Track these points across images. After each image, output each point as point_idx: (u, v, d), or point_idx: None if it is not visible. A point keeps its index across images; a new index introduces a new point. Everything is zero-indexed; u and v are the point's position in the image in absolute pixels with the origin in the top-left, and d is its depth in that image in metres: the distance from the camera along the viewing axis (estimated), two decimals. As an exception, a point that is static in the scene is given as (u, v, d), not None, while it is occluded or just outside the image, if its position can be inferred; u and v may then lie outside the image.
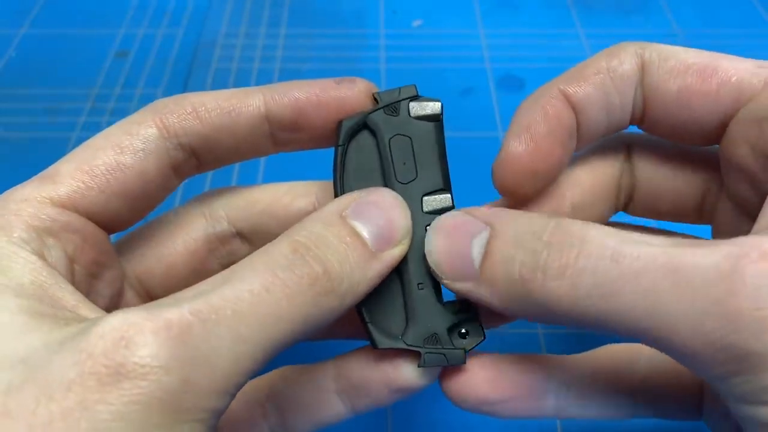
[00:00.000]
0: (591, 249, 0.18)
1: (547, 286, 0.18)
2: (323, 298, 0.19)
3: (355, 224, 0.20)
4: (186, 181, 0.25)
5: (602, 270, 0.18)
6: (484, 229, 0.20)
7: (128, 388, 0.16)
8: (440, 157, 0.23)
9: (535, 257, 0.19)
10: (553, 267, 0.18)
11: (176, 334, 0.16)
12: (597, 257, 0.18)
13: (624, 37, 0.25)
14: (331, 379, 0.23)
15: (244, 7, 0.57)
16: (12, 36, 0.53)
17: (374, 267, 0.20)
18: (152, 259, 0.25)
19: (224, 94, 0.23)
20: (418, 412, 0.31)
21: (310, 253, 0.19)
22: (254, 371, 0.18)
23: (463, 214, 0.21)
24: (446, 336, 0.22)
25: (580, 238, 0.18)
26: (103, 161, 0.22)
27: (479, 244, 0.20)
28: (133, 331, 0.16)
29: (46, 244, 0.20)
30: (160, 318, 0.17)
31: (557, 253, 0.18)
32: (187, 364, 0.16)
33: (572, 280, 0.18)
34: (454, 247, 0.21)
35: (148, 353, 0.16)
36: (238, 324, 0.17)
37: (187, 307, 0.17)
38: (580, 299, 0.18)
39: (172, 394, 0.16)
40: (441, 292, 0.23)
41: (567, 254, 0.18)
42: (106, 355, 0.16)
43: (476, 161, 0.44)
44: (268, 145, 0.24)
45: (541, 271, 0.19)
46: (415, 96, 0.23)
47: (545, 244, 0.19)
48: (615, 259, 0.18)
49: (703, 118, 0.22)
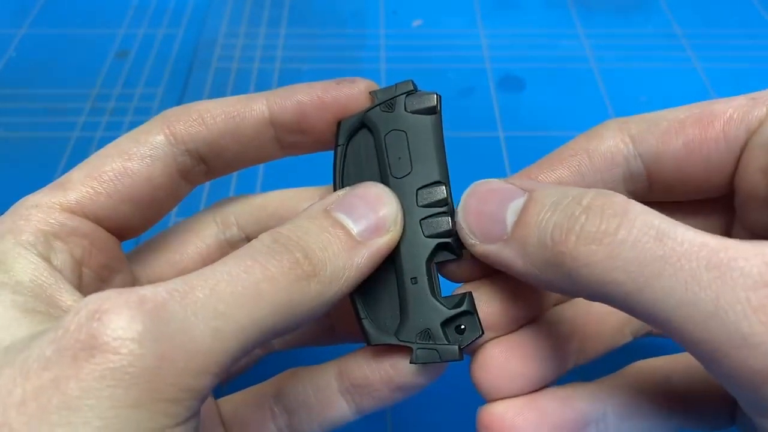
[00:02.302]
0: (634, 222, 0.17)
1: (580, 249, 0.18)
2: (306, 282, 0.19)
3: (338, 215, 0.21)
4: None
5: (643, 247, 0.17)
6: (522, 196, 0.20)
7: (100, 362, 0.15)
8: (437, 150, 0.23)
9: (572, 220, 0.18)
10: (590, 231, 0.18)
11: (151, 308, 0.16)
12: (640, 232, 0.17)
13: (624, 37, 0.25)
14: (334, 378, 0.23)
15: (244, 7, 0.57)
16: (12, 36, 0.53)
17: (361, 254, 0.20)
18: (165, 265, 0.26)
19: (229, 100, 0.24)
20: (417, 413, 0.31)
21: (291, 242, 0.19)
22: (238, 352, 0.18)
23: (502, 181, 0.22)
24: (440, 332, 0.22)
25: (623, 209, 0.18)
26: (110, 167, 0.22)
27: (514, 208, 0.20)
28: (107, 305, 0.16)
29: (53, 247, 0.21)
30: (135, 294, 0.16)
31: (596, 218, 0.18)
32: (162, 340, 0.16)
33: (609, 249, 0.17)
34: (488, 208, 0.21)
35: (121, 326, 0.16)
36: (215, 301, 0.17)
37: (164, 286, 0.17)
38: (613, 271, 0.17)
39: (147, 369, 0.16)
40: (436, 287, 0.22)
41: (607, 222, 0.18)
42: (80, 330, 0.16)
43: (476, 161, 0.44)
44: (274, 149, 0.24)
45: (575, 234, 0.18)
46: (412, 91, 0.23)
47: (585, 208, 0.18)
48: (659, 239, 0.17)
49: (720, 162, 0.22)
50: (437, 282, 0.22)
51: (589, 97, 0.48)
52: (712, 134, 0.22)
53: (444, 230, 0.22)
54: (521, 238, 0.20)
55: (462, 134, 0.45)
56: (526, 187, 0.21)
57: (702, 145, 0.22)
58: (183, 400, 0.16)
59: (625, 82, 0.49)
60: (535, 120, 0.46)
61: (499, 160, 0.43)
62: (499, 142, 0.44)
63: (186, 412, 0.17)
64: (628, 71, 0.50)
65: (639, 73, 0.49)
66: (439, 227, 0.22)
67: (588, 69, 0.50)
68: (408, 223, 0.22)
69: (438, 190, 0.22)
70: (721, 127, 0.22)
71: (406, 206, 0.22)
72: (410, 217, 0.22)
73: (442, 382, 0.32)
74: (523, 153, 0.43)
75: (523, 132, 0.45)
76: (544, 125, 0.46)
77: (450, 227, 0.22)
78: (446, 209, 0.22)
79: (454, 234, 0.22)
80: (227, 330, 0.17)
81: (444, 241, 0.22)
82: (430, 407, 0.31)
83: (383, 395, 0.23)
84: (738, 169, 0.22)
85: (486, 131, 0.45)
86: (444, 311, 0.22)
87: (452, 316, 0.22)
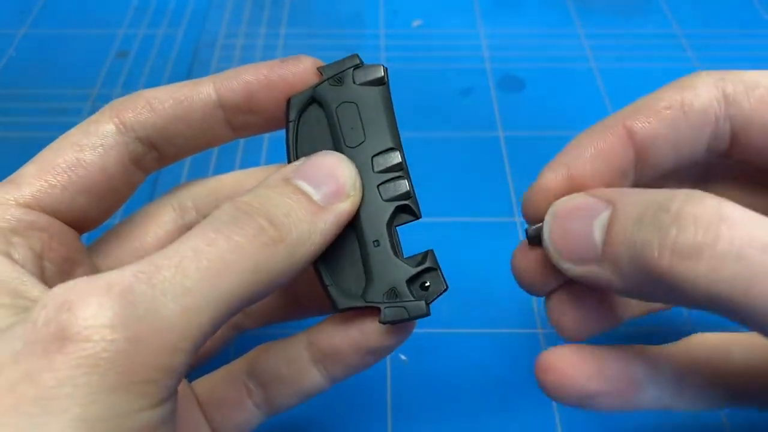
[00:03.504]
0: (734, 233, 0.16)
1: (678, 266, 0.17)
2: (272, 248, 0.19)
3: (299, 183, 0.21)
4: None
5: (749, 260, 0.16)
6: (606, 209, 0.19)
7: (73, 351, 0.15)
8: (388, 119, 0.23)
9: (663, 234, 0.17)
10: (686, 245, 0.17)
11: (118, 292, 0.16)
12: (743, 243, 0.16)
13: (624, 37, 0.24)
14: (305, 349, 0.24)
15: (244, 7, 0.57)
16: (12, 36, 0.53)
17: (324, 219, 0.21)
18: (125, 253, 0.26)
19: (177, 86, 0.24)
20: (417, 411, 0.31)
21: (253, 209, 0.19)
22: (210, 327, 0.18)
23: (583, 195, 0.21)
24: (405, 289, 0.22)
25: (718, 215, 0.17)
26: (63, 159, 0.22)
27: (601, 224, 0.19)
28: (74, 295, 0.16)
29: (12, 242, 0.21)
30: (102, 280, 0.17)
31: (689, 228, 0.17)
32: (132, 322, 0.16)
33: (712, 263, 0.16)
34: (575, 228, 0.20)
35: (91, 314, 0.16)
36: (182, 277, 0.17)
37: (129, 269, 0.17)
38: (719, 284, 0.16)
39: (120, 353, 0.16)
40: (398, 248, 0.23)
41: (704, 233, 0.17)
42: (49, 322, 0.16)
43: (476, 161, 0.44)
44: (225, 131, 0.25)
45: (669, 250, 0.17)
46: (359, 64, 0.24)
47: (674, 216, 0.17)
48: (765, 250, 0.16)
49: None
50: (399, 243, 0.23)
51: (589, 97, 0.48)
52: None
53: (403, 192, 0.23)
54: (613, 258, 0.19)
55: (462, 134, 0.45)
56: (610, 198, 0.20)
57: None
58: (159, 380, 0.17)
59: (625, 82, 0.49)
60: (535, 120, 0.46)
61: (499, 160, 0.43)
62: (499, 142, 0.44)
63: (163, 392, 0.17)
64: (628, 71, 0.50)
65: (639, 73, 0.49)
66: (398, 190, 0.23)
67: (588, 69, 0.50)
68: (366, 189, 0.22)
69: (393, 155, 0.23)
70: None
71: (363, 173, 0.22)
72: (368, 183, 0.23)
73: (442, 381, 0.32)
74: (523, 153, 0.43)
75: (523, 132, 0.45)
76: (544, 125, 0.46)
77: (408, 189, 0.23)
78: (402, 173, 0.23)
79: (412, 196, 0.23)
80: (197, 305, 0.17)
81: (403, 203, 0.23)
82: (430, 407, 0.31)
83: (354, 361, 0.23)
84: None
85: (486, 131, 0.45)
86: (408, 269, 0.22)
87: (417, 273, 0.22)
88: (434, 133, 0.45)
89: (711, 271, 0.16)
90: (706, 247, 0.17)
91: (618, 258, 0.19)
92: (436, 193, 0.39)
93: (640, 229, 0.18)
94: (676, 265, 0.17)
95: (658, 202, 0.18)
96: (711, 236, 0.17)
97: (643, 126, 0.21)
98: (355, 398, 0.31)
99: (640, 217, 0.18)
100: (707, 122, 0.21)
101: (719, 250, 0.16)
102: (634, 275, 0.18)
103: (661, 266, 0.17)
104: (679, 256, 0.17)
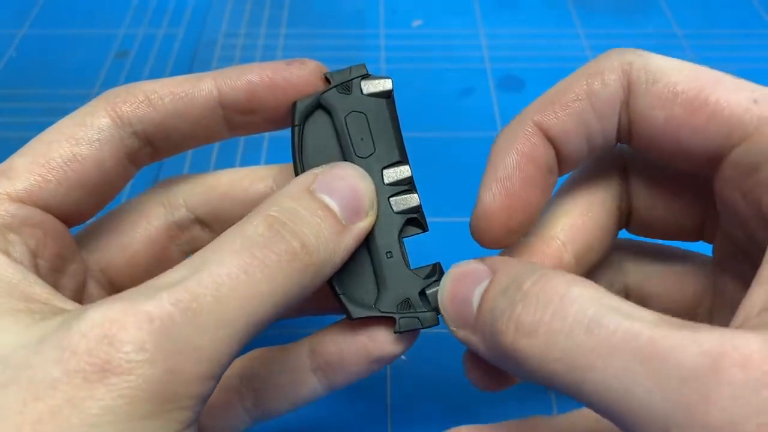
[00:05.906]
0: (568, 310, 0.17)
1: (519, 342, 0.17)
2: (302, 273, 0.19)
3: (323, 197, 0.21)
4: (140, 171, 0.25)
5: (576, 338, 0.16)
6: (488, 277, 0.20)
7: (115, 383, 0.16)
8: (395, 132, 0.24)
9: (512, 308, 0.18)
10: (525, 322, 0.17)
11: (158, 327, 0.17)
12: (573, 322, 0.16)
13: (624, 37, 0.24)
14: (306, 357, 0.24)
15: (244, 7, 0.57)
16: (12, 36, 0.53)
17: (347, 238, 0.21)
18: (114, 249, 0.26)
19: (176, 80, 0.23)
20: (417, 411, 0.31)
21: (286, 228, 0.19)
22: (237, 352, 0.18)
23: (474, 261, 0.21)
24: (418, 300, 0.23)
25: (560, 295, 0.17)
26: (59, 153, 0.22)
27: (479, 291, 0.20)
28: (115, 328, 0.16)
29: (9, 240, 0.20)
30: (141, 312, 0.17)
31: (531, 306, 0.17)
32: (171, 355, 0.17)
33: (546, 340, 0.17)
34: (460, 293, 0.21)
35: (133, 348, 0.16)
36: (220, 310, 0.17)
37: (167, 297, 0.17)
38: (553, 363, 0.17)
39: (159, 384, 0.16)
40: (406, 259, 0.23)
41: (542, 311, 0.17)
42: (91, 354, 0.16)
43: (476, 161, 0.44)
44: (223, 129, 0.24)
45: (513, 325, 0.18)
46: (366, 74, 0.24)
47: (523, 294, 0.18)
48: (590, 330, 0.16)
49: (691, 150, 0.20)
50: (406, 254, 0.23)
51: (589, 97, 0.48)
52: (693, 122, 0.20)
53: (414, 206, 0.23)
54: (480, 326, 0.19)
55: (462, 134, 0.45)
56: (493, 267, 0.20)
57: (680, 128, 0.20)
58: (191, 407, 0.17)
59: (625, 82, 0.49)
60: (535, 120, 0.46)
61: (499, 160, 0.43)
62: (499, 142, 0.44)
63: (193, 416, 0.18)
64: (628, 71, 0.50)
65: (639, 73, 0.49)
66: (409, 203, 0.23)
67: (588, 69, 0.50)
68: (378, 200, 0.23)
69: (403, 168, 0.23)
70: (705, 121, 0.20)
71: (375, 184, 0.23)
72: (378, 195, 0.23)
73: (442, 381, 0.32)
74: (523, 153, 0.43)
75: (523, 132, 0.45)
76: (544, 125, 0.46)
77: (419, 203, 0.23)
78: (411, 187, 0.23)
79: (421, 210, 0.23)
80: (231, 336, 0.18)
81: (412, 216, 0.23)
82: (430, 407, 0.31)
83: (358, 369, 0.23)
84: (718, 175, 0.21)
85: (486, 131, 0.45)
86: (420, 281, 0.23)
87: (427, 284, 0.23)
88: (434, 133, 0.45)
89: (546, 349, 0.17)
90: (542, 324, 0.17)
91: (483, 327, 0.19)
92: (436, 193, 0.39)
93: (501, 301, 0.18)
94: (518, 340, 0.17)
95: (517, 279, 0.18)
96: (548, 314, 0.17)
97: (553, 123, 0.21)
98: (355, 398, 0.31)
99: (504, 289, 0.19)
100: (614, 112, 0.21)
101: (553, 328, 0.17)
102: (492, 346, 0.19)
103: (506, 342, 0.18)
104: (522, 332, 0.17)
